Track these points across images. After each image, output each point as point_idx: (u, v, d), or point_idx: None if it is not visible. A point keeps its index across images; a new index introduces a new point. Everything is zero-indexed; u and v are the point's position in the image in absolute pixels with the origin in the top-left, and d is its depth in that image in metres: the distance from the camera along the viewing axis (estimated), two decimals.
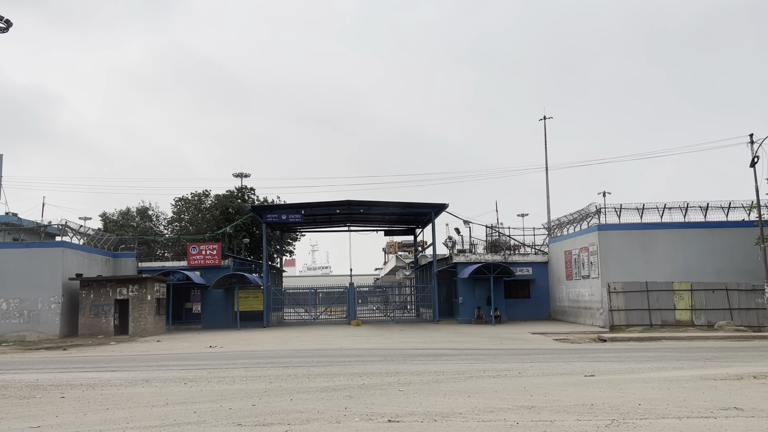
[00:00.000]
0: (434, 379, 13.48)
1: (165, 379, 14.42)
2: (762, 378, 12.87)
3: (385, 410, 9.88)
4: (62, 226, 34.45)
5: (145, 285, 32.07)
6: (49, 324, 31.27)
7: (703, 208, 31.84)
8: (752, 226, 29.44)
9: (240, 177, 55.75)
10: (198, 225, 48.13)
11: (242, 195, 51.48)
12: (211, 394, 11.91)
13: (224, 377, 14.46)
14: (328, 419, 9.29)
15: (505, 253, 39.87)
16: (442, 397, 11.00)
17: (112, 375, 15.40)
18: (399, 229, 49.88)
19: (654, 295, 28.53)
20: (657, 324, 28.14)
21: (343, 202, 37.86)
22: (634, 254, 30.67)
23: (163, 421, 9.45)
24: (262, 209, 40.85)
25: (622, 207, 31.88)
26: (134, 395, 12.07)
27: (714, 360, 16.48)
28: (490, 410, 9.77)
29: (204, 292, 37.60)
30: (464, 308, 36.52)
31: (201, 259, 38.03)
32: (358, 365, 16.42)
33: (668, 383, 12.32)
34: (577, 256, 33.78)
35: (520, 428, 8.52)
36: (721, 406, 9.91)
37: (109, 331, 31.17)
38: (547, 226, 41.01)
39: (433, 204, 38.61)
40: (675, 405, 10.01)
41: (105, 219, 51.17)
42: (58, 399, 11.82)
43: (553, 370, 14.83)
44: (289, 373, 14.92)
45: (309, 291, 41.02)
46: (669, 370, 14.52)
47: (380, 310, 43.66)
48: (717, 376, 13.15)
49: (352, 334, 29.64)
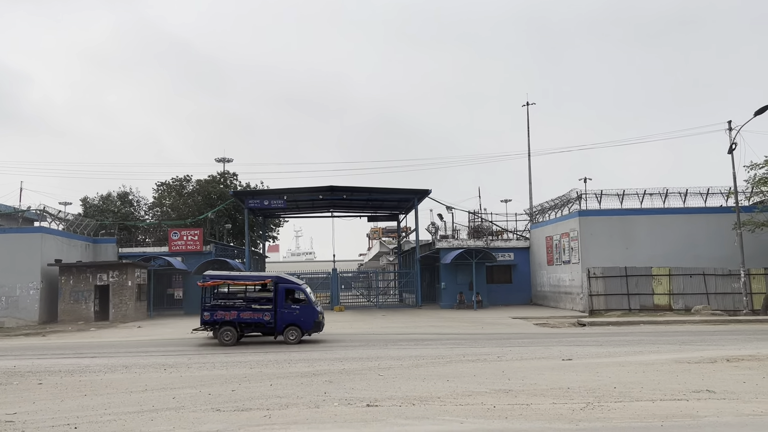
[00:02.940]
0: (414, 363, 13.58)
1: (144, 365, 14.37)
2: (735, 361, 13.14)
3: (365, 395, 9.94)
4: (41, 212, 33.98)
5: (125, 271, 31.80)
6: (28, 310, 30.93)
7: (682, 194, 32.20)
8: (730, 212, 29.88)
9: (222, 162, 55.35)
10: (180, 210, 47.71)
11: (225, 180, 51.11)
12: (191, 380, 11.90)
13: (204, 363, 14.44)
14: (307, 404, 9.33)
15: (487, 238, 40.08)
16: (421, 382, 11.10)
17: (91, 361, 15.31)
18: (382, 215, 49.88)
19: (633, 280, 28.90)
20: (636, 309, 28.54)
21: (326, 188, 37.73)
22: (614, 240, 31.00)
23: (141, 407, 9.43)
24: (244, 195, 40.59)
25: (603, 193, 32.14)
26: (113, 381, 12.02)
27: (690, 344, 16.77)
28: (468, 394, 9.87)
29: (186, 278, 37.36)
30: (447, 293, 36.73)
31: (182, 245, 37.76)
32: (339, 350, 16.49)
33: (644, 367, 12.53)
34: (558, 241, 34.06)
35: (497, 411, 8.63)
36: (694, 388, 10.12)
37: (89, 317, 30.91)
38: (529, 212, 41.27)
39: (416, 190, 38.62)
40: (649, 388, 10.20)
41: (85, 204, 50.54)
42: (36, 386, 11.74)
43: (531, 354, 15.01)
44: (269, 359, 14.94)
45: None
46: (645, 353, 14.76)
47: (363, 295, 43.79)
48: (691, 360, 13.41)
49: (335, 319, 29.67)
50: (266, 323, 18.63)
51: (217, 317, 18.57)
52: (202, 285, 19.29)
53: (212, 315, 18.62)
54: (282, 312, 18.61)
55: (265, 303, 18.90)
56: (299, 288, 19.16)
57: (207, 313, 18.71)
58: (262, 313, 18.65)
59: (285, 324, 18.57)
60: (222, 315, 18.57)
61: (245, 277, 20.38)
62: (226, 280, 19.54)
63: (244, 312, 18.69)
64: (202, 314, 18.92)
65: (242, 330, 18.80)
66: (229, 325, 18.50)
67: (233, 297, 19.58)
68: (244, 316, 18.63)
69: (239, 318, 18.59)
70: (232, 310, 18.72)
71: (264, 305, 18.84)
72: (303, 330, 18.64)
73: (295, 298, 18.91)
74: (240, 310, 18.72)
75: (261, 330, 18.89)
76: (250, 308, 18.82)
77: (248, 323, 18.71)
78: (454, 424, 7.99)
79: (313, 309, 18.81)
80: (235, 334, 18.50)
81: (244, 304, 19.05)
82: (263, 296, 19.31)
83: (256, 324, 18.70)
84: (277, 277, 19.40)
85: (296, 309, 18.68)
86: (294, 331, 18.51)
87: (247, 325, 18.76)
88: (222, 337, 18.44)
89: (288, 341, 18.43)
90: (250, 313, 18.68)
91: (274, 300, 18.73)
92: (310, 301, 18.90)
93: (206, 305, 19.06)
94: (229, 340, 18.39)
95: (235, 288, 19.90)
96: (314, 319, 18.75)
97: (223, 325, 18.51)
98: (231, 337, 18.43)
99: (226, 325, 18.50)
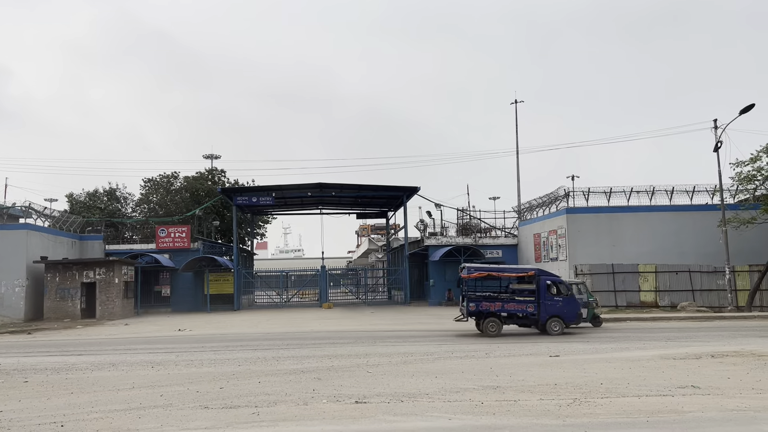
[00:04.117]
0: (403, 360, 13.61)
1: (132, 362, 14.29)
2: (719, 357, 13.29)
3: (353, 392, 9.95)
4: (26, 208, 33.62)
5: (112, 268, 31.58)
6: (13, 308, 30.63)
7: (669, 191, 32.48)
8: (715, 209, 30.17)
9: (210, 159, 55.02)
10: (167, 207, 47.42)
11: (212, 177, 50.84)
12: (179, 378, 11.85)
13: (192, 360, 14.38)
14: (296, 401, 9.33)
15: (475, 236, 40.23)
16: (409, 378, 11.13)
17: (77, 359, 15.20)
18: (371, 212, 49.91)
19: (620, 276, 29.14)
20: (622, 305, 28.77)
21: (315, 185, 37.68)
22: (602, 237, 31.23)
23: (128, 404, 9.38)
24: (232, 191, 40.44)
25: (590, 190, 32.36)
26: (100, 379, 11.94)
27: (675, 340, 16.94)
28: (456, 390, 9.91)
29: (173, 275, 37.19)
30: (435, 290, 36.83)
31: (170, 242, 37.55)
32: (327, 347, 16.48)
33: (630, 363, 12.65)
34: (546, 238, 34.25)
35: (484, 408, 8.67)
36: (680, 384, 10.22)
37: (75, 314, 30.67)
38: (517, 210, 41.45)
39: (405, 187, 38.66)
40: (635, 384, 10.29)
41: (72, 200, 50.05)
42: (21, 383, 11.64)
43: (519, 350, 15.10)
44: (258, 356, 14.91)
45: (280, 274, 40.89)
46: (632, 350, 14.89)
47: (352, 292, 43.80)
48: (677, 356, 13.54)
49: (323, 316, 29.69)
50: (530, 314, 19.14)
51: (482, 308, 19.11)
52: (466, 277, 19.67)
53: (477, 306, 19.18)
54: (545, 304, 19.04)
55: (528, 295, 19.32)
56: (560, 281, 19.68)
57: (473, 304, 19.25)
58: (525, 305, 19.11)
59: (548, 315, 19.01)
60: (487, 306, 19.13)
61: (508, 269, 20.94)
62: (490, 272, 20.11)
63: (507, 303, 19.18)
64: (467, 304, 19.29)
65: (504, 321, 19.22)
66: (493, 317, 19.07)
67: (495, 289, 20.31)
68: (508, 308, 19.14)
69: (503, 309, 19.12)
70: (496, 301, 19.26)
71: (527, 297, 19.25)
72: (566, 322, 19.07)
73: (558, 290, 19.27)
74: (504, 302, 19.21)
75: (523, 321, 19.35)
76: (514, 300, 19.27)
77: (511, 314, 19.19)
78: (443, 420, 8.03)
79: (575, 302, 19.27)
80: (499, 325, 19.02)
81: (508, 295, 19.52)
82: (526, 288, 19.65)
83: (519, 315, 19.18)
84: (539, 270, 19.89)
85: (559, 301, 19.12)
86: (556, 323, 18.95)
87: (509, 316, 19.24)
88: (487, 328, 18.98)
89: (551, 333, 18.78)
90: (513, 305, 19.20)
91: (537, 292, 19.13)
92: (573, 295, 19.33)
93: (471, 296, 19.51)
94: (494, 331, 18.88)
95: (496, 280, 20.59)
96: (577, 311, 19.21)
97: (488, 316, 19.06)
98: (496, 328, 18.95)
99: (490, 317, 19.05)
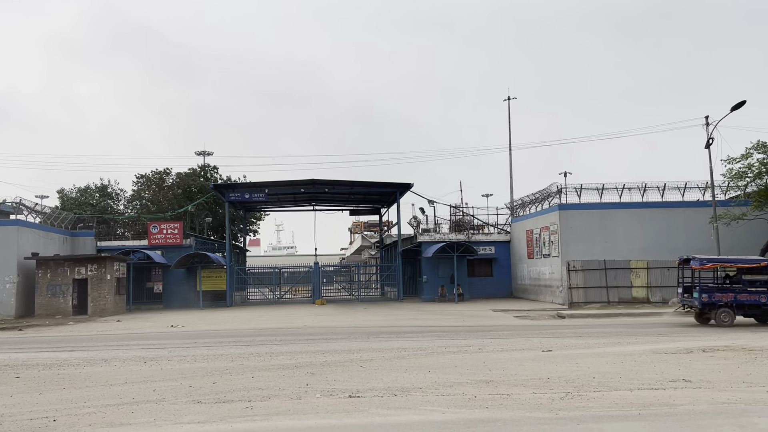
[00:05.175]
0: (396, 355, 13.64)
1: (124, 358, 14.24)
2: (710, 351, 13.40)
3: (347, 386, 9.96)
4: (16, 204, 33.40)
5: (104, 264, 31.44)
6: (4, 304, 30.45)
7: (661, 188, 32.63)
8: (707, 205, 30.38)
9: (202, 155, 54.87)
10: (159, 204, 47.24)
11: (205, 173, 50.67)
12: (172, 373, 11.83)
13: (185, 356, 14.35)
14: (289, 396, 9.33)
15: (468, 232, 40.28)
16: (403, 373, 11.15)
17: (69, 355, 15.13)
18: (364, 209, 49.82)
19: (612, 273, 29.27)
20: (614, 301, 28.91)
21: (308, 181, 37.60)
22: (594, 233, 31.34)
23: (121, 399, 9.35)
24: (224, 188, 40.28)
25: (583, 187, 32.46)
26: (92, 374, 11.90)
27: (666, 335, 17.05)
28: (449, 385, 9.95)
29: (166, 272, 37.05)
30: (428, 287, 36.86)
31: (162, 239, 37.41)
32: (321, 343, 16.48)
33: (622, 357, 12.72)
34: (539, 235, 34.35)
35: (477, 401, 8.71)
36: (671, 378, 10.30)
37: (67, 311, 30.53)
38: (510, 206, 41.55)
39: (398, 183, 38.64)
40: (627, 378, 10.36)
41: (63, 196, 49.76)
42: (13, 379, 11.59)
43: (512, 345, 15.15)
44: (251, 352, 14.89)
45: (273, 270, 40.76)
46: (623, 345, 14.98)
47: (345, 289, 43.75)
48: (668, 350, 13.64)
49: (316, 312, 29.67)
50: (762, 305, 19.28)
51: (714, 299, 19.38)
52: (699, 268, 19.86)
53: (710, 297, 19.38)
54: None
55: (761, 286, 19.46)
56: None
57: (705, 295, 19.45)
58: (758, 296, 19.30)
59: None
60: (719, 297, 19.41)
61: (739, 260, 20.92)
62: (722, 263, 20.53)
63: (740, 294, 19.37)
64: (698, 295, 19.42)
65: (736, 311, 19.37)
66: (726, 307, 19.26)
67: (709, 281, 20.75)
68: (740, 298, 19.34)
69: (736, 300, 19.32)
70: (728, 292, 19.52)
71: (759, 288, 19.42)
72: None
73: None
74: (737, 293, 19.41)
75: (756, 312, 19.49)
76: (746, 291, 19.43)
77: (743, 305, 19.37)
78: (436, 413, 8.05)
79: None
80: (732, 315, 19.22)
81: (740, 286, 19.66)
82: (758, 279, 19.76)
83: (752, 306, 19.37)
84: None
85: None
86: None
87: (740, 307, 19.38)
88: (720, 318, 19.19)
89: None
90: (746, 296, 19.38)
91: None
92: None
93: (704, 287, 19.75)
94: (727, 321, 19.13)
95: (726, 271, 20.91)
96: None
97: (720, 307, 19.24)
98: (729, 319, 19.16)
99: (723, 307, 19.27)
